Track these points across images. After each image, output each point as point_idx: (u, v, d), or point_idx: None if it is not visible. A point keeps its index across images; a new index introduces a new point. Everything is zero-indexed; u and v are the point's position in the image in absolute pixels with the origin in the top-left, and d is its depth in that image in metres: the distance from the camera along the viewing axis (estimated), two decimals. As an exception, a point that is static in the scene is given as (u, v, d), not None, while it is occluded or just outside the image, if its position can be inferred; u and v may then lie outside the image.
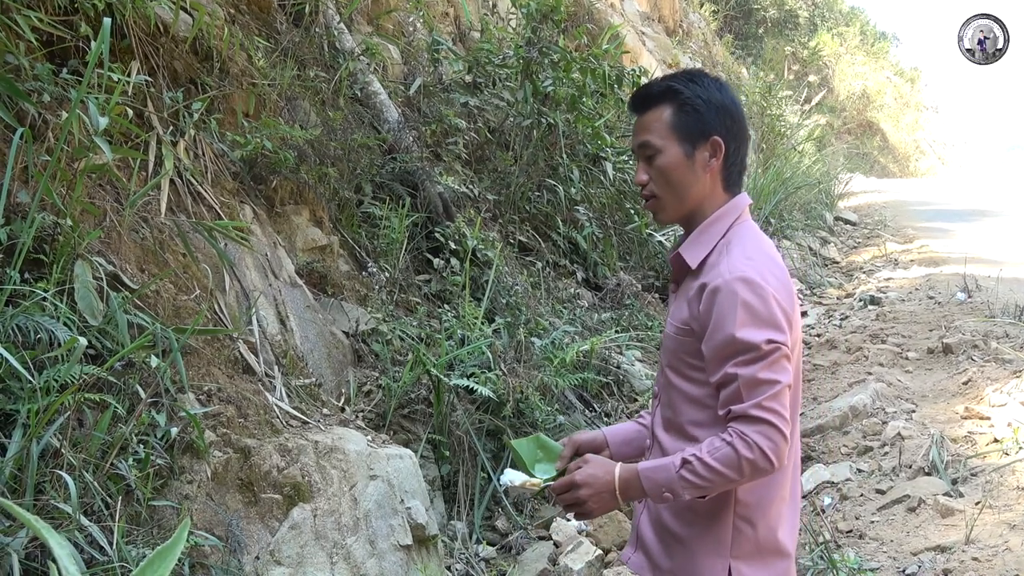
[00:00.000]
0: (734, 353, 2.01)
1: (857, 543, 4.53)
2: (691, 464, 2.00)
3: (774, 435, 1.98)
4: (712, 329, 2.05)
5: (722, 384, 2.04)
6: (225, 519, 3.25)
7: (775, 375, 2.00)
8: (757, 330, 2.00)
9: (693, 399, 2.15)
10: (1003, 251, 11.96)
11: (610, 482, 2.10)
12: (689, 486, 2.01)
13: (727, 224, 2.18)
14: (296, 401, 4.12)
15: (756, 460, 1.97)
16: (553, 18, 7.66)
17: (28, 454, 2.70)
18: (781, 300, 2.05)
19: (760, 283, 2.03)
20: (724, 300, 2.03)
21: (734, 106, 2.20)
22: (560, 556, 4.48)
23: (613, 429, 2.46)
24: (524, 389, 5.02)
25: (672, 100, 2.17)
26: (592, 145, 8.18)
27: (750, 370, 1.99)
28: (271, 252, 4.69)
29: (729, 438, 1.99)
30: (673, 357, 2.19)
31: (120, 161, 3.85)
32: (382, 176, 6.05)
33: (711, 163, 2.16)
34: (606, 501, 2.12)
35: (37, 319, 2.93)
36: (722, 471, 1.98)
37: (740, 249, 2.11)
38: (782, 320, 2.04)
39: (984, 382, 6.18)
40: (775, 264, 2.13)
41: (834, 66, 31.61)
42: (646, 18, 17.92)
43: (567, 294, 7.06)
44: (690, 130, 2.15)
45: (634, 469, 2.09)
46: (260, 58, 5.19)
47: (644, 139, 2.18)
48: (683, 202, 2.18)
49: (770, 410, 1.98)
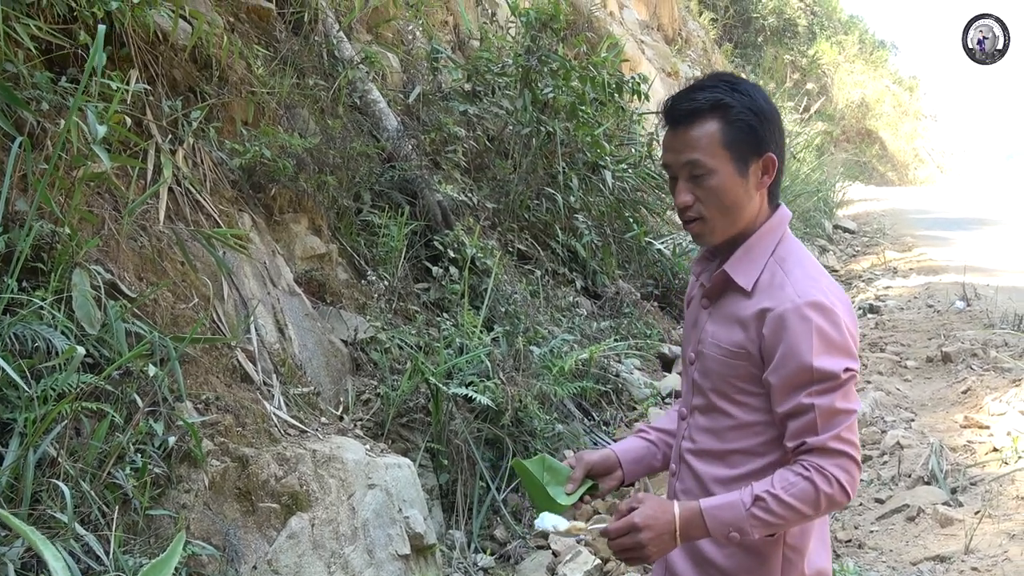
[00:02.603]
0: (809, 382, 1.89)
1: (856, 553, 4.52)
2: (764, 501, 1.88)
3: (851, 468, 1.89)
4: (783, 356, 1.91)
5: (793, 415, 1.92)
6: (222, 528, 3.24)
7: (851, 404, 1.91)
8: (834, 358, 1.89)
9: (744, 425, 2.02)
10: (1002, 260, 11.98)
11: (671, 522, 1.94)
12: (760, 524, 1.89)
13: (775, 240, 2.05)
14: (294, 410, 4.11)
15: (835, 495, 1.87)
16: (552, 27, 7.68)
17: (25, 463, 2.69)
18: (850, 324, 1.95)
19: (831, 308, 1.92)
20: (796, 326, 1.90)
21: (775, 114, 2.05)
22: (558, 565, 4.47)
23: (623, 447, 2.30)
24: (523, 398, 5.01)
25: (721, 114, 1.99)
26: (591, 153, 8.18)
27: (827, 400, 1.88)
28: (270, 260, 4.68)
29: (807, 472, 1.87)
30: (721, 381, 2.04)
31: (119, 169, 3.85)
32: (381, 184, 6.05)
33: (763, 180, 2.03)
34: (666, 543, 1.95)
35: (35, 328, 2.93)
36: (799, 508, 1.87)
37: (801, 270, 1.99)
38: (853, 346, 1.94)
39: (983, 391, 6.18)
40: (835, 284, 2.03)
41: (833, 74, 31.65)
42: (645, 26, 17.95)
43: (566, 302, 7.05)
44: (743, 148, 1.99)
45: (696, 508, 1.94)
46: (259, 66, 5.19)
47: (692, 157, 1.99)
48: (735, 224, 2.03)
49: (848, 442, 1.89)
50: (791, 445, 1.93)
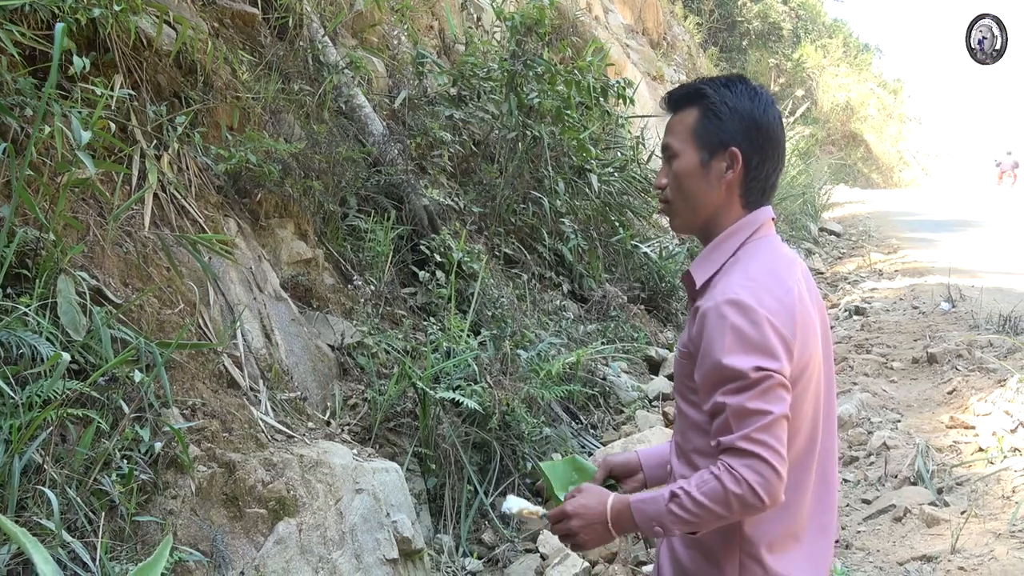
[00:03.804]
0: (722, 380, 1.89)
1: (843, 553, 4.53)
2: (679, 498, 1.90)
3: (763, 469, 1.84)
4: (702, 355, 1.94)
5: (713, 413, 1.93)
6: (210, 534, 3.23)
7: (766, 405, 1.86)
8: (745, 356, 1.87)
9: (696, 425, 2.04)
10: (986, 261, 12.04)
11: (602, 513, 2.00)
12: (678, 521, 1.90)
13: (739, 241, 2.06)
14: (281, 415, 4.11)
15: (744, 496, 1.84)
16: (537, 31, 7.68)
17: (10, 470, 2.68)
18: (779, 324, 1.90)
19: (752, 306, 1.90)
20: (713, 324, 1.92)
21: (765, 118, 2.05)
22: (547, 569, 4.47)
23: (648, 451, 2.34)
24: (510, 401, 5.01)
25: (699, 103, 2.07)
26: (577, 157, 8.20)
27: (737, 399, 1.86)
28: (256, 266, 4.67)
29: (717, 471, 1.87)
30: (678, 382, 2.10)
31: (103, 175, 3.84)
32: (367, 189, 6.05)
33: (727, 175, 2.04)
34: (599, 533, 2.01)
35: (20, 334, 2.92)
36: (709, 506, 1.87)
37: (742, 269, 1.99)
38: (777, 346, 1.89)
39: (969, 391, 6.21)
40: (779, 285, 1.97)
41: (817, 78, 31.81)
42: (630, 31, 18.00)
43: (553, 306, 7.06)
44: (709, 137, 2.04)
45: (626, 500, 1.99)
46: (244, 72, 5.19)
47: (667, 141, 2.10)
48: (694, 212, 2.08)
49: (759, 443, 1.84)
50: (712, 444, 1.93)
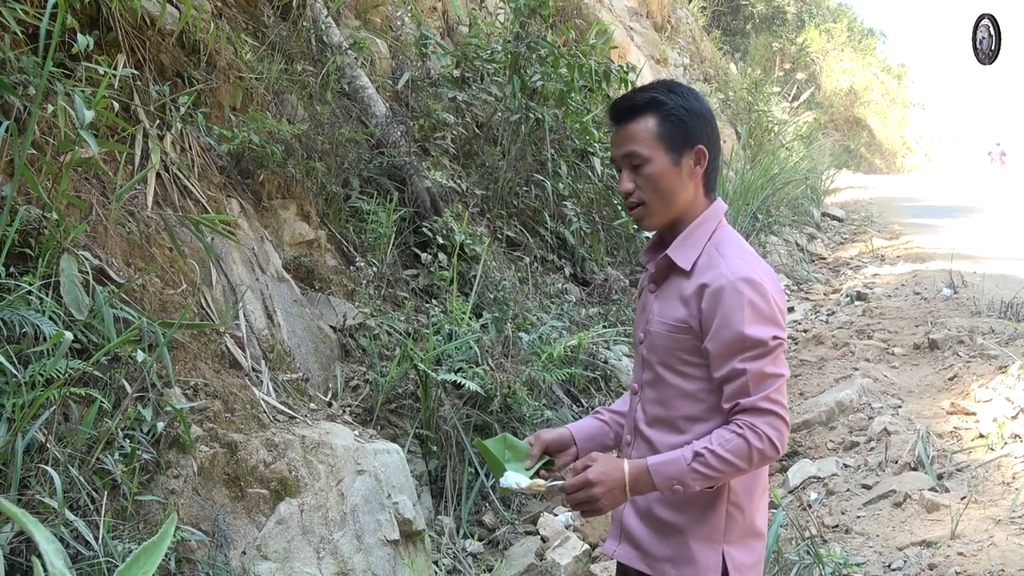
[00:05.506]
0: (742, 349, 2.11)
1: (843, 538, 4.54)
2: (703, 456, 2.09)
3: (780, 425, 2.11)
4: (718, 327, 2.14)
5: (728, 379, 2.14)
6: (211, 514, 3.24)
7: (779, 369, 2.14)
8: (764, 327, 2.12)
9: (688, 394, 2.23)
10: (988, 247, 12.02)
11: (620, 478, 2.16)
12: (700, 477, 2.11)
13: (712, 227, 2.28)
14: (283, 396, 4.11)
15: (765, 449, 2.09)
16: (541, 13, 7.66)
17: (13, 449, 2.68)
18: (778, 298, 2.18)
19: (761, 283, 2.15)
20: (730, 299, 2.13)
21: (710, 114, 2.30)
22: (547, 551, 4.48)
23: (578, 426, 2.52)
24: (511, 384, 5.02)
25: (656, 110, 2.24)
26: (580, 140, 8.18)
27: (758, 364, 2.11)
28: (258, 246, 4.67)
29: (740, 430, 2.09)
30: (667, 355, 2.26)
31: (106, 155, 3.83)
32: (370, 171, 6.04)
33: (696, 170, 2.26)
34: (616, 497, 2.17)
35: (22, 313, 2.91)
36: (734, 461, 2.09)
37: (733, 251, 2.23)
38: (781, 317, 2.17)
39: (970, 378, 6.20)
40: (766, 265, 2.26)
41: (821, 62, 31.70)
42: (634, 14, 17.92)
43: (555, 289, 7.06)
44: (676, 139, 2.23)
45: (643, 464, 2.16)
46: (247, 52, 5.17)
47: (630, 149, 2.25)
48: (671, 208, 2.27)
49: (776, 402, 2.11)
50: (727, 406, 2.16)
